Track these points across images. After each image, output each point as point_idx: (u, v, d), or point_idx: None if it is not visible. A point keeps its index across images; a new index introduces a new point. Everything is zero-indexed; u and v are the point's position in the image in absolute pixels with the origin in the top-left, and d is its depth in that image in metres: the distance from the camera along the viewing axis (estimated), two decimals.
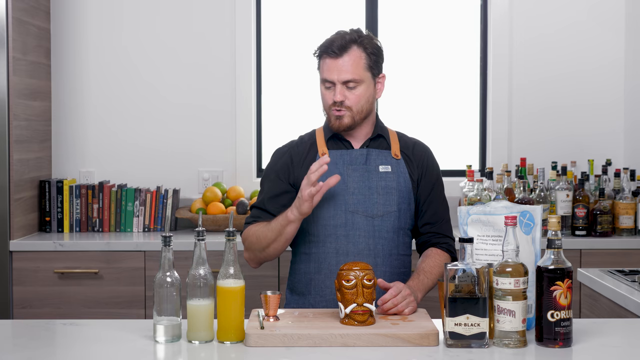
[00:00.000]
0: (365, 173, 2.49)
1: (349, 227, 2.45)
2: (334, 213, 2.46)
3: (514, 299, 1.89)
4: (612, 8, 4.20)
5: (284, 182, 2.52)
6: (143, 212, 3.93)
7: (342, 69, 2.43)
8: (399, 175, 2.50)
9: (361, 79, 2.45)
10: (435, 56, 4.32)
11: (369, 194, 2.46)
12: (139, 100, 4.17)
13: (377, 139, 2.55)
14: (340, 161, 2.50)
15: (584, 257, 3.62)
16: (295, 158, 2.54)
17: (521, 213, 2.07)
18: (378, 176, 2.48)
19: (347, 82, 2.44)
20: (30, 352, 1.88)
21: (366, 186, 2.47)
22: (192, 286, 1.97)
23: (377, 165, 2.50)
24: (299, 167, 2.52)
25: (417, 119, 4.32)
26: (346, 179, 2.47)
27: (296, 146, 2.58)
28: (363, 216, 2.45)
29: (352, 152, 2.51)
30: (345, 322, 2.04)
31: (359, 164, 2.49)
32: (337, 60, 2.43)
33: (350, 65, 2.43)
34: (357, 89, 2.45)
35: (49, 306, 3.59)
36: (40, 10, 3.96)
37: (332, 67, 2.44)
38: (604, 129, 4.22)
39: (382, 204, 2.46)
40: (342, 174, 2.48)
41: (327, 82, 2.46)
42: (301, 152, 2.55)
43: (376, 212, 2.46)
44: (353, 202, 2.46)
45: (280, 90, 4.29)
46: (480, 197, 3.65)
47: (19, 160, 3.67)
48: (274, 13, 4.29)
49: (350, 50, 2.44)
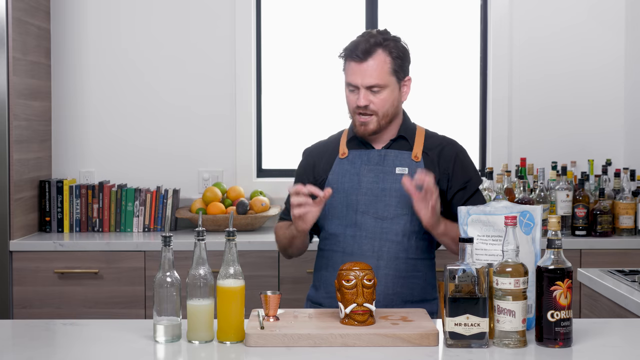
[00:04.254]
0: (380, 174, 2.48)
1: (357, 228, 2.46)
2: (346, 213, 2.47)
3: (514, 299, 1.89)
4: (612, 8, 4.20)
5: (305, 183, 2.52)
6: (143, 212, 3.92)
7: (366, 73, 2.41)
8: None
9: (385, 84, 2.43)
10: (435, 56, 4.32)
11: (382, 195, 2.46)
12: (139, 100, 4.17)
13: (399, 140, 2.53)
14: (358, 161, 2.51)
15: (584, 257, 3.62)
16: (318, 159, 2.58)
17: (521, 213, 2.07)
18: (393, 178, 2.47)
19: (371, 87, 2.42)
20: (30, 352, 1.88)
21: (379, 187, 2.47)
22: (192, 286, 1.97)
23: (394, 166, 2.49)
24: (320, 167, 2.56)
25: (417, 119, 4.31)
26: (361, 179, 2.48)
27: (323, 146, 2.62)
28: (372, 218, 2.46)
29: (370, 153, 2.51)
30: (345, 322, 2.04)
31: (375, 165, 2.49)
32: (361, 64, 2.41)
33: (374, 70, 2.41)
34: (382, 93, 2.43)
35: (49, 306, 3.59)
36: (40, 10, 3.96)
37: (356, 71, 2.42)
38: (604, 129, 4.22)
39: (394, 206, 2.45)
40: (358, 174, 2.49)
41: (351, 86, 2.45)
42: (325, 152, 2.58)
43: (386, 215, 2.45)
44: (364, 203, 2.46)
45: (281, 90, 4.29)
46: None
47: (19, 160, 3.67)
48: (274, 12, 4.29)
49: (375, 54, 2.42)
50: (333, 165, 2.53)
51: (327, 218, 2.50)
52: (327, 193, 2.32)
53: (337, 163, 2.53)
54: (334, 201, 2.48)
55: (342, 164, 2.52)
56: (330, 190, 2.34)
